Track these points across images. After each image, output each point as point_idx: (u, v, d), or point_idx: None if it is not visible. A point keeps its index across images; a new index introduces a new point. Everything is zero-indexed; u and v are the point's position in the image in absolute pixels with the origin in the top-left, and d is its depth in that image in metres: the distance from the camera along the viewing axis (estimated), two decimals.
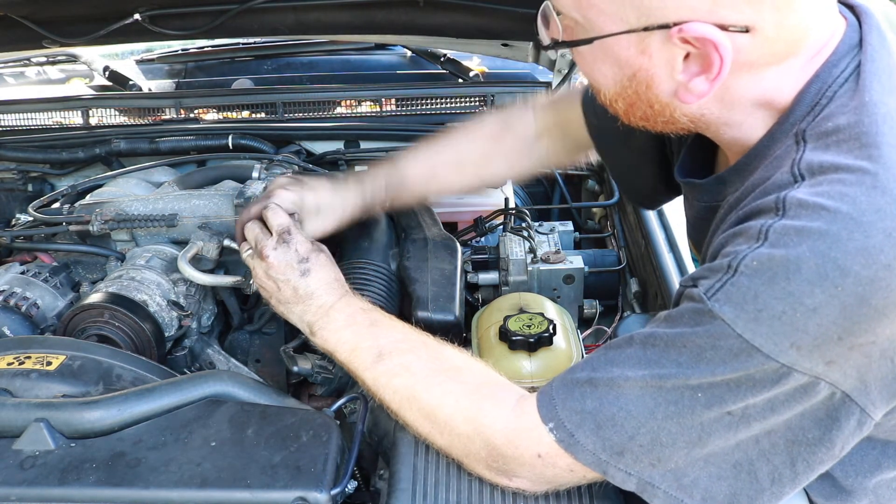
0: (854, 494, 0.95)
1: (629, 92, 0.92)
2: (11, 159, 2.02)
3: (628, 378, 0.85)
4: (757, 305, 0.78)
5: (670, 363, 0.83)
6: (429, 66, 2.83)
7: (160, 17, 2.01)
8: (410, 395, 1.00)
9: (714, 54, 0.83)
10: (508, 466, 0.93)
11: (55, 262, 1.52)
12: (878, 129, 0.81)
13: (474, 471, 0.97)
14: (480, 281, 1.64)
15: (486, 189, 1.72)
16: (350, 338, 1.09)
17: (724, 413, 0.82)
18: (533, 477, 0.93)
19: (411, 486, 0.96)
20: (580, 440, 0.87)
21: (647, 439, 0.85)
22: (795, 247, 0.77)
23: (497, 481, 0.95)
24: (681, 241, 1.60)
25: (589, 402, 0.87)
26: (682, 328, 0.83)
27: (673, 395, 0.83)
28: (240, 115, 2.29)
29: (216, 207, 1.53)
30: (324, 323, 1.12)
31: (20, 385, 1.07)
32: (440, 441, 0.98)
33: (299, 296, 1.14)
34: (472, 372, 1.02)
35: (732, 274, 0.80)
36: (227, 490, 0.92)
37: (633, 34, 0.87)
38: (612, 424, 0.86)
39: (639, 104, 0.93)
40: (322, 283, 1.15)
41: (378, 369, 1.04)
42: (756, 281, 0.78)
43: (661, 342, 0.85)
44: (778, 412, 0.81)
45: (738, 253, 0.81)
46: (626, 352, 0.88)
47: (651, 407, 0.84)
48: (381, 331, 1.08)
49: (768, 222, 0.81)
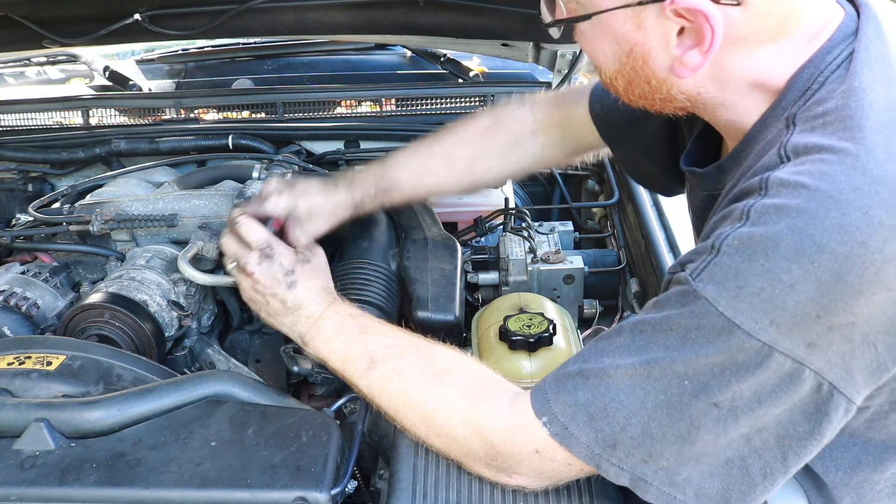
0: (835, 491, 0.95)
1: (627, 69, 0.94)
2: (11, 159, 2.02)
3: (618, 367, 0.86)
4: (737, 283, 0.79)
5: (657, 347, 0.84)
6: (429, 66, 2.83)
7: (160, 17, 2.01)
8: (405, 400, 1.00)
9: (706, 26, 0.85)
10: (507, 464, 0.93)
11: (55, 262, 1.52)
12: (864, 113, 0.82)
13: (474, 470, 0.97)
14: (480, 281, 1.64)
15: (481, 189, 1.67)
16: (341, 346, 1.09)
17: (712, 405, 0.82)
18: (532, 473, 0.93)
19: (411, 486, 0.96)
20: (574, 433, 0.88)
21: (638, 430, 0.85)
22: (774, 224, 0.79)
23: (497, 479, 0.95)
24: (681, 241, 1.60)
25: (581, 393, 0.88)
26: (668, 311, 0.84)
27: (661, 384, 0.84)
28: (240, 115, 2.29)
29: (216, 207, 1.54)
30: (314, 333, 1.12)
31: (20, 385, 1.07)
32: (438, 443, 0.98)
33: (288, 308, 1.14)
34: (465, 372, 1.02)
35: (715, 254, 0.81)
36: (227, 490, 0.92)
37: (628, 9, 0.89)
38: (604, 415, 0.86)
39: (637, 81, 0.95)
40: (310, 294, 1.14)
41: (371, 376, 1.04)
42: (736, 259, 0.80)
43: (649, 327, 0.86)
44: (766, 404, 0.81)
45: (721, 234, 0.82)
46: (615, 341, 0.88)
47: (641, 396, 0.85)
48: (371, 337, 1.08)
49: (750, 202, 0.82)
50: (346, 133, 2.13)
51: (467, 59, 2.72)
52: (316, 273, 1.18)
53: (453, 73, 2.64)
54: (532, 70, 2.64)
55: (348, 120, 2.25)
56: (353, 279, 1.39)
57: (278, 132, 2.10)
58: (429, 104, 2.25)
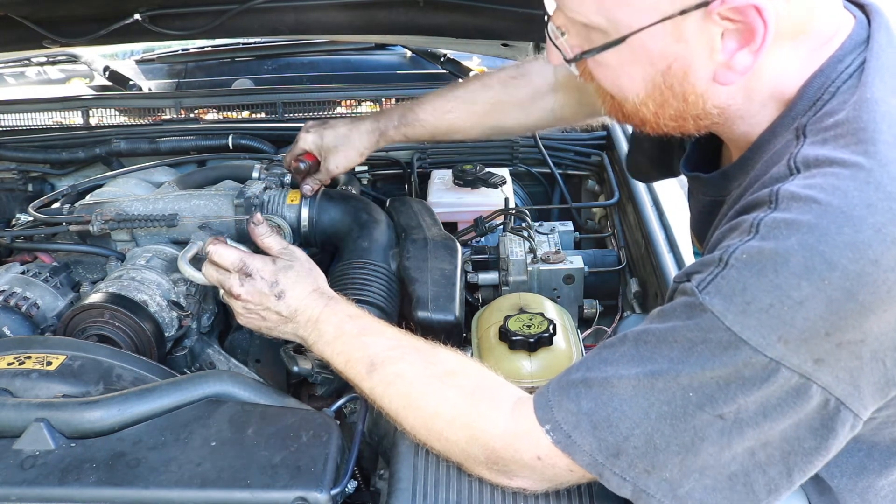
0: (840, 496, 0.95)
1: (662, 89, 0.90)
2: (11, 159, 2.02)
3: (622, 377, 0.85)
4: (745, 298, 0.78)
5: (662, 358, 0.83)
6: (429, 66, 2.84)
7: (160, 17, 2.01)
8: (406, 403, 0.99)
9: (757, 21, 0.81)
10: (508, 468, 0.93)
11: (55, 262, 1.52)
12: (877, 126, 0.81)
13: (474, 472, 0.96)
14: (480, 281, 1.64)
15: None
16: (342, 349, 1.07)
17: (716, 416, 0.81)
18: (534, 477, 0.93)
19: (411, 486, 0.95)
20: (577, 441, 0.87)
21: (641, 441, 0.84)
22: (784, 239, 0.77)
23: (498, 481, 0.95)
24: (681, 241, 1.60)
25: (584, 402, 0.87)
26: (673, 322, 0.83)
27: (665, 395, 0.83)
28: (240, 115, 2.29)
29: (216, 207, 1.54)
30: (315, 336, 1.11)
31: (20, 385, 1.07)
32: (439, 446, 0.98)
33: (284, 317, 1.13)
34: (466, 375, 1.01)
35: (723, 267, 0.80)
36: (227, 490, 0.92)
37: (667, 22, 0.84)
38: (608, 425, 0.85)
39: (671, 101, 0.91)
40: (301, 299, 1.13)
41: (373, 379, 1.03)
42: (745, 273, 0.78)
43: (654, 338, 0.84)
44: (771, 418, 0.81)
45: (730, 247, 0.81)
46: (619, 350, 0.87)
47: (645, 407, 0.83)
48: (370, 339, 1.07)
49: (760, 215, 0.81)
50: None
51: (467, 59, 2.73)
52: (301, 277, 1.15)
53: (453, 73, 2.64)
54: None
55: None
56: (353, 279, 1.39)
57: (278, 132, 2.10)
58: None
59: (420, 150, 2.12)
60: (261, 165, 1.70)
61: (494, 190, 1.91)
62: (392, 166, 2.14)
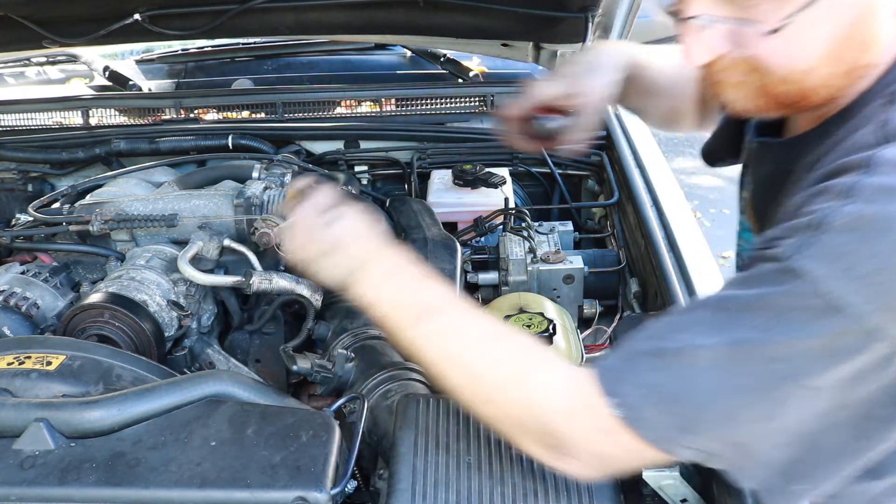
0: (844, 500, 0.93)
1: (846, 43, 0.83)
2: (11, 159, 2.03)
3: (697, 347, 0.80)
4: (846, 263, 0.74)
5: (746, 327, 0.78)
6: (429, 66, 2.84)
7: (160, 17, 2.01)
8: (457, 358, 0.92)
9: None
10: (562, 444, 0.87)
11: (55, 262, 1.52)
12: None
13: (521, 445, 0.91)
14: (480, 281, 1.64)
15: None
16: (391, 291, 0.98)
17: (800, 386, 0.77)
18: (587, 457, 0.87)
19: (411, 486, 0.95)
20: (646, 416, 0.81)
21: (718, 414, 0.80)
22: (887, 204, 0.74)
23: (546, 460, 0.89)
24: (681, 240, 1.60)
25: (655, 374, 0.81)
26: (761, 289, 0.78)
27: (747, 367, 0.78)
28: (240, 115, 2.29)
29: (216, 207, 1.54)
30: (360, 274, 1.00)
31: (20, 385, 1.07)
32: (485, 411, 0.91)
33: (326, 248, 1.04)
34: (520, 341, 0.93)
35: (819, 231, 0.76)
36: (227, 490, 0.92)
37: None
38: (682, 399, 0.80)
39: (849, 52, 0.84)
40: (352, 231, 1.04)
41: (420, 328, 0.94)
42: (846, 237, 0.75)
43: (735, 305, 0.80)
44: (856, 385, 0.77)
45: (825, 209, 0.77)
46: (694, 316, 0.83)
47: (724, 379, 0.78)
48: (430, 285, 0.98)
49: (857, 179, 0.77)
50: (346, 133, 2.13)
51: (467, 59, 2.73)
52: (363, 215, 1.06)
53: (453, 73, 2.64)
54: (532, 70, 2.65)
55: (348, 120, 2.25)
56: None
57: (278, 132, 2.10)
58: (429, 104, 2.25)
59: (420, 150, 2.12)
60: (261, 165, 1.70)
61: (494, 190, 1.91)
62: (392, 166, 2.14)
